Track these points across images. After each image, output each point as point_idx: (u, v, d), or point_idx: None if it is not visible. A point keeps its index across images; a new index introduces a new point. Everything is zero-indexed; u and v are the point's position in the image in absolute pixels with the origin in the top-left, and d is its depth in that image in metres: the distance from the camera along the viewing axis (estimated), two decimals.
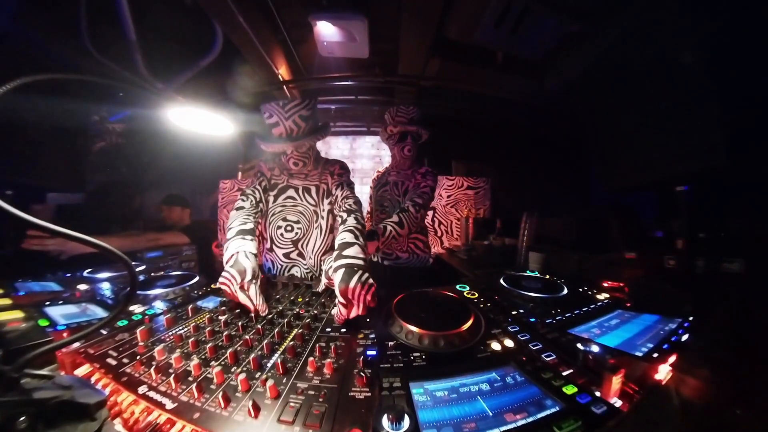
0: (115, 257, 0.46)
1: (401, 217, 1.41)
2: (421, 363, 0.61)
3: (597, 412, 0.45)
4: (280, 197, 1.42)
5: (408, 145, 1.74)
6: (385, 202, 1.83)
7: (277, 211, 1.42)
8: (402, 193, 1.77)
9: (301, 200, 1.42)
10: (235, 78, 3.08)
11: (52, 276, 1.24)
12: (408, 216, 1.42)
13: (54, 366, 0.62)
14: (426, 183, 1.69)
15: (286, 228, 1.41)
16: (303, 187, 1.42)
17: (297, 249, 1.42)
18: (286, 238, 1.41)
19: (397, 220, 1.39)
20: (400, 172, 1.84)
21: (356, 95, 3.58)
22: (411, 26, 2.22)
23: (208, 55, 2.57)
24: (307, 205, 1.42)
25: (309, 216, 1.42)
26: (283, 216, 1.42)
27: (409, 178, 1.79)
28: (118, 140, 3.37)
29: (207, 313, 0.83)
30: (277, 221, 1.42)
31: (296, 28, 2.55)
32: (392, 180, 1.83)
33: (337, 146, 4.14)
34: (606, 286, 1.07)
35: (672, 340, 0.65)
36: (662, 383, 0.51)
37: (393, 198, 1.80)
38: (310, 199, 1.42)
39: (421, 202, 1.54)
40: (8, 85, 0.39)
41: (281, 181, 1.44)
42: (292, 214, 1.41)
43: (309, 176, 1.44)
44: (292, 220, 1.41)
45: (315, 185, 1.43)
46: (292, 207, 1.41)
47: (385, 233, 1.34)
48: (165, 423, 0.47)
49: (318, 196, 1.42)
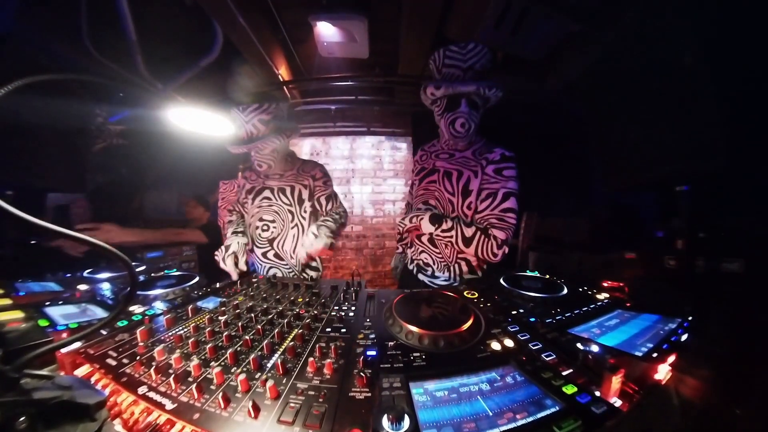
0: (115, 257, 0.46)
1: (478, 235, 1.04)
2: (421, 363, 0.61)
3: (597, 412, 0.45)
4: (257, 198, 1.48)
5: (462, 116, 1.09)
6: (430, 201, 1.23)
7: (255, 212, 1.48)
8: (461, 190, 1.14)
9: (276, 200, 1.46)
10: (235, 78, 3.08)
11: (52, 276, 1.24)
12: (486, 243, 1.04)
13: (54, 366, 0.62)
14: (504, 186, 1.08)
15: (263, 227, 1.46)
16: (278, 188, 1.47)
17: (273, 249, 1.46)
18: (263, 237, 1.46)
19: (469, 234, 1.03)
20: (454, 154, 1.21)
21: (356, 95, 3.57)
22: (411, 26, 2.22)
23: (208, 55, 2.57)
24: (282, 205, 1.46)
25: (284, 215, 1.45)
26: (259, 216, 1.47)
27: (472, 167, 1.15)
28: (117, 140, 3.36)
29: (207, 313, 0.83)
30: (255, 222, 1.48)
31: (296, 28, 2.55)
32: (442, 167, 1.21)
33: (337, 146, 4.14)
34: (606, 286, 1.07)
35: (672, 340, 0.65)
36: (662, 383, 0.51)
37: (443, 197, 1.19)
38: (284, 198, 1.46)
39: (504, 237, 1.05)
40: (9, 85, 0.39)
41: (258, 183, 1.50)
42: (267, 213, 1.46)
43: (284, 177, 1.49)
44: (267, 220, 1.46)
45: (290, 186, 1.47)
46: (267, 207, 1.46)
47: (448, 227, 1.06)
48: (165, 423, 0.47)
49: (293, 197, 1.46)
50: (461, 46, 1.09)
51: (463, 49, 1.08)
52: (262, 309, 0.86)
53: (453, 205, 1.16)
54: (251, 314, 0.81)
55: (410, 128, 4.04)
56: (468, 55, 1.07)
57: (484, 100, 1.12)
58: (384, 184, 4.07)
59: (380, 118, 4.03)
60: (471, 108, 1.10)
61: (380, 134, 4.08)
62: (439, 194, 1.19)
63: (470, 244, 1.05)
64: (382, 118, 4.03)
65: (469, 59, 1.08)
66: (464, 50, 1.08)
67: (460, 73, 1.09)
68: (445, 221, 1.09)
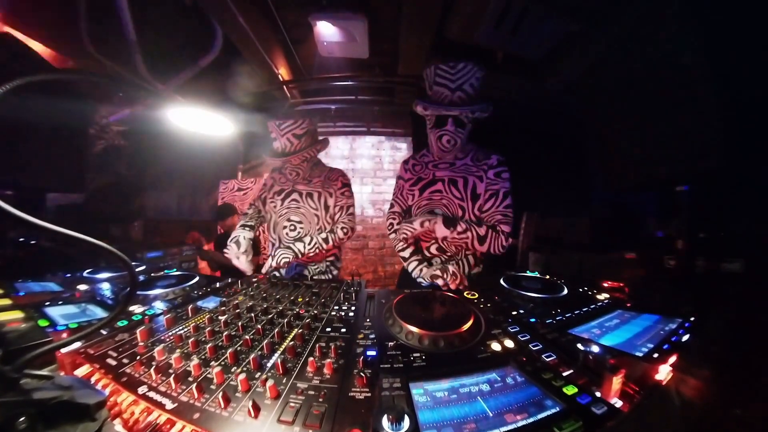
0: (115, 257, 0.46)
1: (489, 233, 1.12)
2: (421, 363, 0.60)
3: (597, 413, 0.45)
4: (286, 200, 1.58)
5: (448, 134, 1.16)
6: (438, 210, 1.27)
7: (283, 213, 1.58)
8: (469, 195, 1.22)
9: (303, 203, 1.56)
10: (235, 78, 3.08)
11: (52, 276, 1.24)
12: (495, 236, 1.14)
13: (54, 366, 0.62)
14: (503, 187, 1.20)
15: (290, 227, 1.56)
16: (306, 192, 1.58)
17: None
18: (290, 237, 1.56)
19: (483, 233, 1.11)
20: (455, 163, 1.27)
21: (356, 95, 3.58)
22: (411, 26, 2.22)
23: (208, 55, 2.57)
24: (309, 208, 1.56)
25: (310, 218, 1.56)
26: (288, 217, 1.57)
27: (474, 173, 1.24)
28: (118, 140, 3.36)
29: (207, 313, 0.83)
30: (283, 222, 1.57)
31: (296, 28, 2.55)
32: (446, 176, 1.27)
33: (337, 146, 4.14)
34: (606, 286, 1.07)
35: (672, 340, 0.65)
36: (662, 383, 0.51)
37: (453, 204, 1.24)
38: (311, 202, 1.56)
39: (508, 230, 1.16)
40: (8, 85, 0.39)
41: (287, 186, 1.61)
42: (295, 215, 1.56)
43: (312, 183, 1.59)
44: (295, 221, 1.56)
45: (318, 192, 1.57)
46: (295, 209, 1.57)
47: (462, 229, 1.11)
48: (165, 423, 0.46)
49: (320, 202, 1.57)
50: (451, 66, 1.12)
51: (453, 69, 1.11)
52: (262, 309, 0.86)
53: (464, 210, 1.23)
54: (251, 314, 0.81)
55: (410, 128, 4.04)
56: (457, 75, 1.11)
57: (471, 118, 1.17)
58: (384, 184, 4.07)
59: (380, 118, 4.04)
60: (457, 126, 1.16)
61: (380, 134, 4.09)
62: (448, 201, 1.24)
63: (484, 242, 1.13)
64: (382, 118, 4.03)
65: (458, 79, 1.11)
66: (454, 70, 1.11)
67: (449, 93, 1.13)
68: (459, 224, 1.13)
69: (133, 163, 4.00)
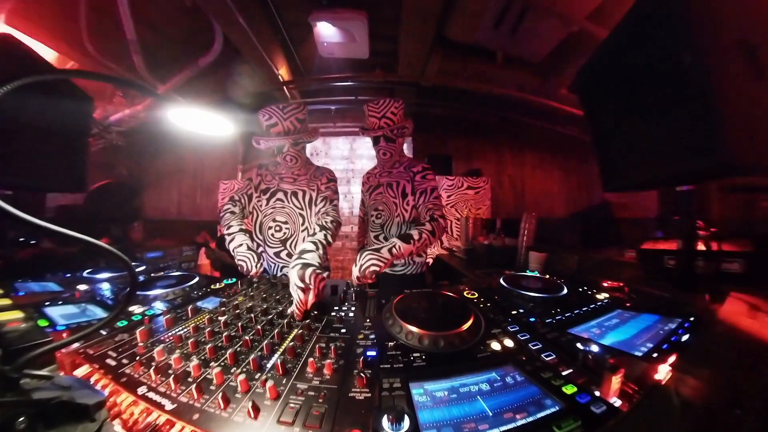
0: (115, 257, 0.46)
1: (433, 225, 1.36)
2: (421, 363, 0.60)
3: (596, 412, 0.45)
4: (271, 200, 1.54)
5: (382, 148, 1.58)
6: (379, 206, 1.68)
7: (268, 212, 1.54)
8: (400, 194, 1.61)
9: (287, 203, 1.53)
10: (235, 78, 3.08)
11: (52, 276, 1.24)
12: (437, 225, 1.38)
13: (53, 366, 0.62)
14: (429, 185, 1.55)
15: (276, 228, 1.52)
16: (291, 192, 1.54)
17: (286, 249, 1.52)
18: (276, 237, 1.52)
19: (430, 229, 1.34)
20: (392, 172, 1.67)
21: (356, 95, 3.58)
22: (411, 26, 2.22)
23: (207, 55, 2.57)
24: (293, 208, 1.52)
25: (294, 218, 1.52)
26: (273, 217, 1.53)
27: (405, 178, 1.62)
28: (117, 140, 3.37)
29: (207, 313, 0.83)
30: (268, 222, 1.53)
31: (296, 28, 2.55)
32: (385, 181, 1.67)
33: (337, 146, 4.14)
34: (606, 286, 1.07)
35: (672, 340, 0.65)
36: (662, 383, 0.51)
37: (389, 201, 1.64)
38: (296, 202, 1.53)
39: (441, 214, 1.47)
40: (8, 85, 0.39)
41: (273, 185, 1.56)
42: (280, 215, 1.52)
43: (298, 181, 1.55)
44: (280, 221, 1.52)
45: (303, 190, 1.54)
46: (280, 209, 1.53)
47: (420, 239, 1.28)
48: (164, 424, 0.46)
49: (304, 201, 1.53)
50: (376, 102, 1.55)
51: (377, 104, 1.54)
52: (262, 309, 0.86)
53: (396, 205, 1.61)
54: (251, 314, 0.81)
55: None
56: (381, 108, 1.54)
57: (397, 134, 1.57)
58: None
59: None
60: (388, 142, 1.57)
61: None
62: (386, 199, 1.65)
63: (435, 234, 1.34)
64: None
65: (381, 110, 1.54)
66: (378, 105, 1.54)
67: (377, 120, 1.54)
68: (412, 236, 1.26)
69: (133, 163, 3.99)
